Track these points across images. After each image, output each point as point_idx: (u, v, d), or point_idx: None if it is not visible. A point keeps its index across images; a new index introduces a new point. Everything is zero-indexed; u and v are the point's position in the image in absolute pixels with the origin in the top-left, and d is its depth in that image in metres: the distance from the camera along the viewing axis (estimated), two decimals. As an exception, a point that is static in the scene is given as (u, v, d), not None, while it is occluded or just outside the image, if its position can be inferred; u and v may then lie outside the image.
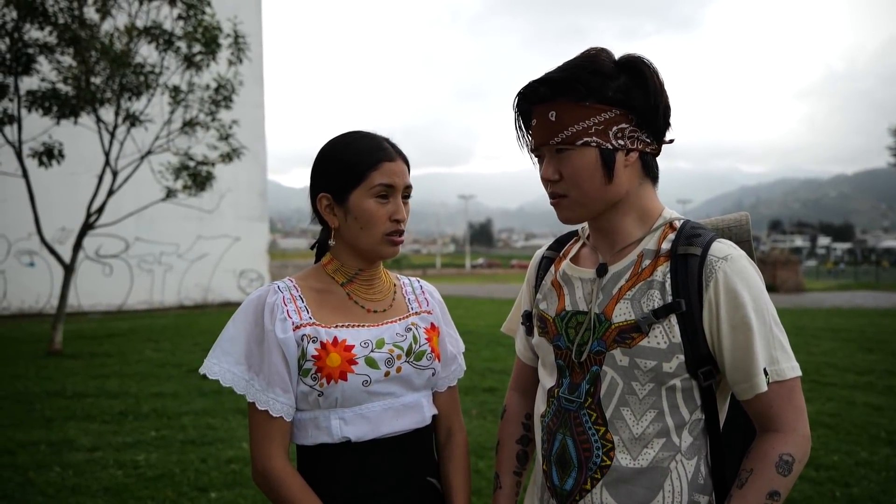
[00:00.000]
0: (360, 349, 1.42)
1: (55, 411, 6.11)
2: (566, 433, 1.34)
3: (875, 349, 9.61)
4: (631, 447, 1.27)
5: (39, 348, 9.98)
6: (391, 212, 1.44)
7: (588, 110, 1.26)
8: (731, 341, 1.23)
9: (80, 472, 4.45)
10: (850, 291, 27.86)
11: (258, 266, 20.69)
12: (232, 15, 10.89)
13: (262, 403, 1.40)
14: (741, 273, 1.24)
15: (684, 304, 1.24)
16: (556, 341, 1.39)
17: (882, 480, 4.23)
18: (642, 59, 1.28)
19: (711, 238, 1.29)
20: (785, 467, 1.21)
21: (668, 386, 1.26)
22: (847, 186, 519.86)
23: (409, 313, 1.55)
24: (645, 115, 1.27)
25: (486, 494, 3.98)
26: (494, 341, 10.02)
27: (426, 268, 66.70)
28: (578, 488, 1.31)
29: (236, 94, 10.92)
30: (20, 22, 8.85)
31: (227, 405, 6.27)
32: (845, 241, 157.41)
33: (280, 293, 1.46)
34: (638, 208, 1.34)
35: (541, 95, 1.29)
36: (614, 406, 1.29)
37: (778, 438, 1.23)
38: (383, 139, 1.49)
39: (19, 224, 15.63)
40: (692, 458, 1.28)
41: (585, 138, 1.26)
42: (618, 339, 1.28)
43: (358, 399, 1.42)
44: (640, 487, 1.27)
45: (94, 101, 9.44)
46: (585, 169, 1.28)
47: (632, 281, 1.30)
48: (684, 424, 1.28)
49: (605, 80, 1.25)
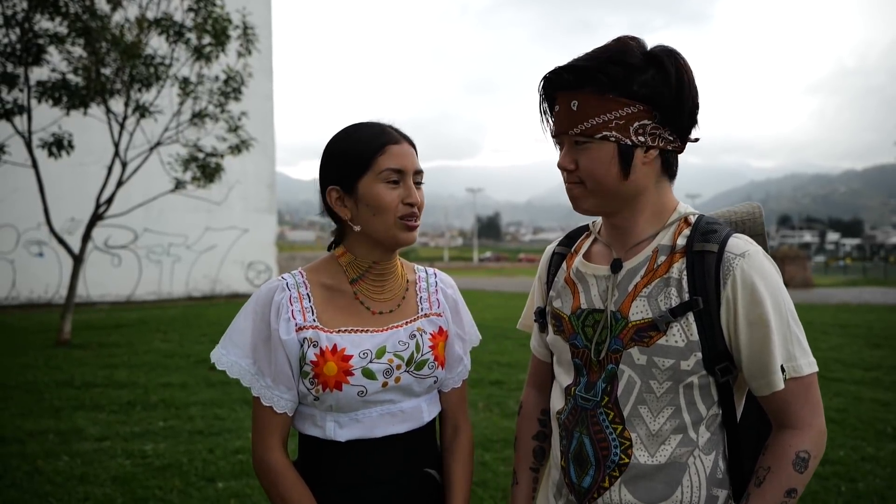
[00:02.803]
0: (357, 360, 1.40)
1: (64, 401, 6.15)
2: (583, 431, 1.33)
3: (883, 345, 9.55)
4: (649, 444, 1.27)
5: (48, 338, 10.05)
6: (403, 195, 1.41)
7: (611, 103, 1.22)
8: (749, 338, 1.22)
9: (89, 462, 4.48)
10: (859, 287, 27.70)
11: (266, 258, 20.73)
12: (241, 7, 10.91)
13: (266, 399, 1.42)
14: (759, 269, 1.22)
15: (702, 301, 1.22)
16: (573, 340, 1.37)
17: (888, 476, 4.21)
18: (674, 53, 1.24)
19: (728, 234, 1.27)
20: (801, 464, 1.21)
21: (686, 383, 1.25)
22: (857, 182, 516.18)
23: (417, 316, 1.51)
24: (669, 112, 1.23)
25: (491, 486, 3.99)
26: (501, 335, 10.02)
27: (434, 261, 66.75)
28: (597, 486, 1.30)
29: (245, 85, 10.93)
30: (31, 12, 8.87)
31: (234, 396, 6.30)
32: (854, 237, 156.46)
33: (287, 291, 1.45)
34: (653, 206, 1.32)
35: (565, 82, 1.26)
36: (632, 404, 1.28)
37: (794, 435, 1.23)
38: (386, 125, 1.46)
39: (29, 214, 15.70)
40: (710, 454, 1.27)
41: (605, 132, 1.23)
42: (635, 338, 1.27)
43: (354, 406, 1.42)
44: (658, 483, 1.26)
45: (104, 92, 9.47)
46: (602, 163, 1.25)
47: (647, 277, 1.29)
48: (701, 420, 1.27)
49: (631, 73, 1.21)
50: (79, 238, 10.65)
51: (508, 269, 56.98)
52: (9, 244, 17.08)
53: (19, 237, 17.16)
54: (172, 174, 11.19)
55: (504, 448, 4.68)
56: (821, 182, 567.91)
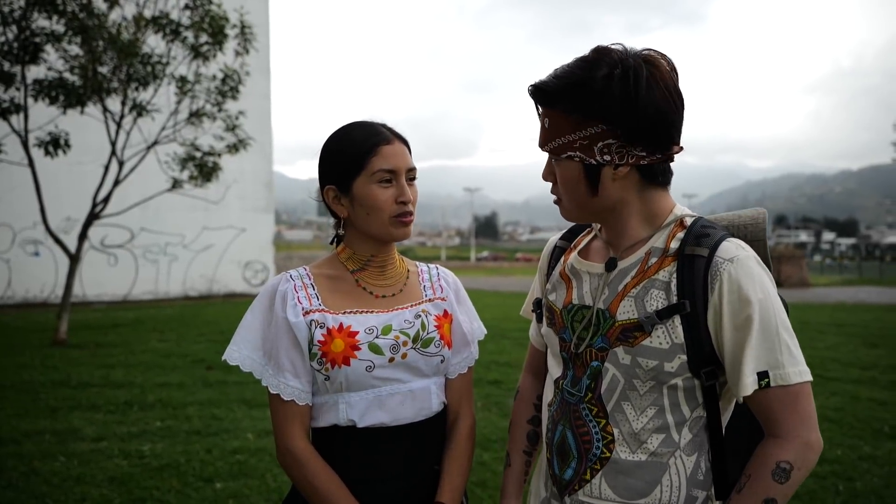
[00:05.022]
0: (364, 335, 1.45)
1: (60, 401, 6.13)
2: (566, 425, 1.36)
3: (879, 344, 9.59)
4: (630, 441, 1.28)
5: (44, 338, 10.03)
6: (395, 195, 1.47)
7: (575, 123, 1.24)
8: (732, 343, 1.21)
9: (85, 462, 4.46)
10: (855, 287, 27.76)
11: (263, 257, 20.71)
12: (239, 6, 10.88)
13: (273, 387, 1.45)
14: (747, 274, 1.21)
15: (689, 305, 1.23)
16: (562, 334, 1.40)
17: (885, 475, 4.23)
18: (643, 66, 1.21)
19: (720, 238, 1.26)
20: (782, 475, 1.19)
21: (670, 385, 1.26)
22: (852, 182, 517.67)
23: (421, 300, 1.56)
24: (634, 130, 1.21)
25: (490, 486, 3.98)
26: (499, 334, 10.02)
27: (431, 260, 66.52)
28: (578, 478, 1.33)
29: (243, 84, 10.91)
30: (27, 10, 8.84)
31: (232, 396, 6.29)
32: (850, 237, 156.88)
33: (292, 281, 1.51)
34: (640, 213, 1.32)
35: (538, 100, 1.30)
36: (615, 401, 1.30)
37: (777, 445, 1.21)
38: (380, 125, 1.51)
39: (25, 213, 15.68)
40: (692, 455, 1.28)
41: (570, 152, 1.26)
42: (621, 337, 1.28)
43: (363, 384, 1.45)
44: (638, 480, 1.27)
45: (101, 90, 9.44)
46: (570, 180, 1.29)
47: (637, 278, 1.30)
48: (685, 422, 1.28)
49: (591, 96, 1.21)
50: (75, 237, 10.64)
51: (506, 269, 56.99)
52: (5, 243, 17.04)
53: (15, 236, 17.12)
54: (169, 173, 11.18)
55: (503, 448, 4.67)
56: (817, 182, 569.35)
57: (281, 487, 4.03)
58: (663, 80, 1.22)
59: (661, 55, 1.25)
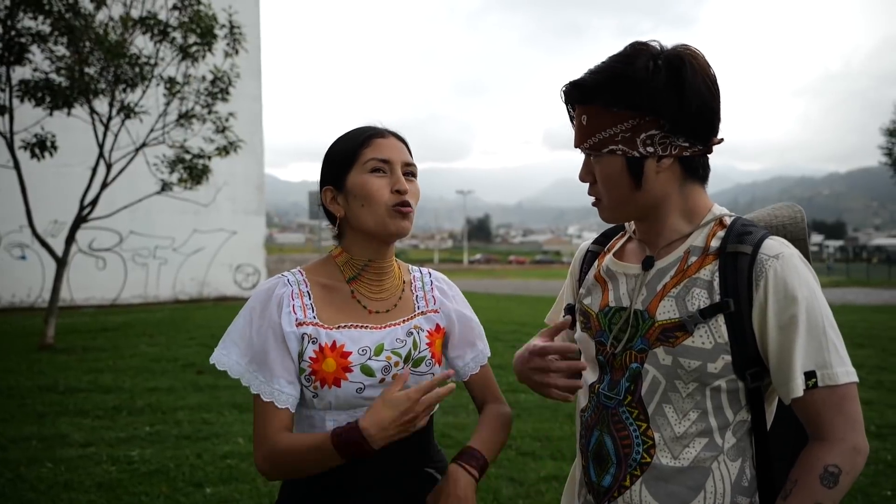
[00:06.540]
0: (356, 357, 1.41)
1: (47, 406, 6.04)
2: (604, 430, 1.32)
3: (866, 345, 9.69)
4: (672, 446, 1.24)
5: (31, 342, 9.90)
6: (391, 184, 1.42)
7: (615, 116, 1.22)
8: (778, 342, 1.18)
9: (73, 468, 4.39)
10: (842, 288, 27.98)
11: (254, 260, 20.61)
12: (228, 5, 10.80)
13: (266, 395, 1.39)
14: (793, 272, 1.19)
15: (733, 303, 1.19)
16: (599, 337, 1.36)
17: (871, 473, 4.27)
18: (684, 57, 1.21)
19: (763, 236, 1.24)
20: (830, 479, 1.15)
21: (713, 386, 1.22)
22: (840, 185, 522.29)
23: (414, 314, 1.52)
24: (677, 119, 1.21)
25: (488, 487, 3.94)
26: (492, 337, 9.89)
27: (424, 263, 66.65)
28: (617, 485, 1.28)
29: (233, 86, 10.79)
30: (13, 10, 8.74)
31: (222, 400, 6.23)
32: (838, 239, 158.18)
33: (289, 286, 1.45)
34: (681, 209, 1.30)
35: (575, 98, 1.28)
36: (657, 403, 1.26)
37: (824, 448, 1.17)
38: (375, 125, 1.50)
39: (11, 216, 15.50)
40: (736, 460, 1.24)
41: (611, 146, 1.24)
42: (661, 338, 1.25)
43: (352, 403, 1.41)
44: (680, 487, 1.23)
45: (88, 91, 9.34)
46: (612, 176, 1.26)
47: (677, 278, 1.27)
48: (728, 425, 1.24)
49: (634, 86, 1.19)
50: (62, 240, 10.51)
51: (499, 271, 57.09)
52: (-9, 247, 16.89)
53: (1, 239, 16.96)
54: (159, 176, 11.06)
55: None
56: (805, 185, 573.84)
57: (272, 492, 3.98)
58: (704, 71, 1.22)
59: (697, 49, 1.25)
